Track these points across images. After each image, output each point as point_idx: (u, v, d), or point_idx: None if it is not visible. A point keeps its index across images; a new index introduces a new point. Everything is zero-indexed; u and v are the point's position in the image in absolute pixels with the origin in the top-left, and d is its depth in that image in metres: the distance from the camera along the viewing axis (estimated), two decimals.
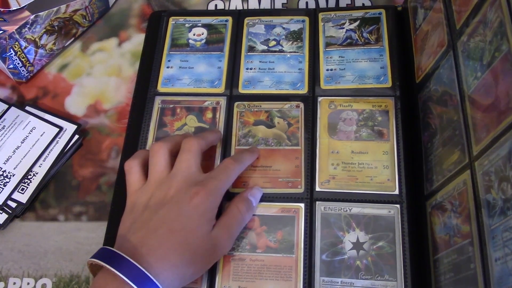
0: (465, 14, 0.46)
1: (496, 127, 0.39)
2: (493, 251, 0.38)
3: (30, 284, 0.56)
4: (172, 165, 0.51)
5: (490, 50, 0.41)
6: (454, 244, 0.45)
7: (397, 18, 0.64)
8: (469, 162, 0.44)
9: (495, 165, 0.39)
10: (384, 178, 0.55)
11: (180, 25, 0.67)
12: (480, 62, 0.43)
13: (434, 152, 0.52)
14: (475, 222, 0.42)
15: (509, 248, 0.36)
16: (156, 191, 0.49)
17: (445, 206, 0.48)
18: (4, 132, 0.62)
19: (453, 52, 0.49)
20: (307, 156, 0.57)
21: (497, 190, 0.38)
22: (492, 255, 0.38)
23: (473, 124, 0.44)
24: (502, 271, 0.37)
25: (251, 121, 0.59)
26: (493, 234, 0.39)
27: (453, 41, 0.49)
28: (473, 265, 0.41)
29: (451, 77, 0.48)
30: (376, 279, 0.50)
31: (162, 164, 0.51)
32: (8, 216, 0.58)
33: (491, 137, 0.40)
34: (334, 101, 0.59)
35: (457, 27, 0.48)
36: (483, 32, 0.43)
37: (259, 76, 0.62)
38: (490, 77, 0.41)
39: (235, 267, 0.52)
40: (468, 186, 0.43)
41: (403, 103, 0.58)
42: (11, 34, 0.61)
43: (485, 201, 0.40)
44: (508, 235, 0.36)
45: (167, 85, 0.63)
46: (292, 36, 0.64)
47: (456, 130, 0.46)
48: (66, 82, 0.68)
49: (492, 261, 0.38)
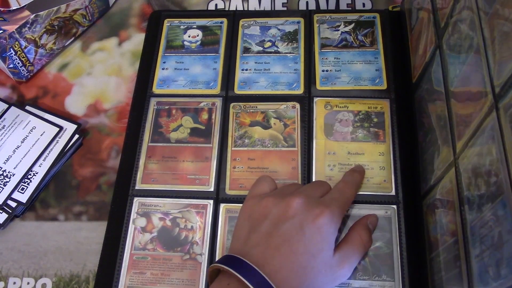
0: (446, 12, 0.43)
1: (471, 123, 0.36)
2: (473, 248, 0.35)
3: (30, 284, 0.51)
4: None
5: (465, 46, 0.38)
6: (444, 242, 0.41)
7: (394, 20, 0.59)
8: (453, 160, 0.40)
9: (472, 161, 0.36)
10: (381, 179, 0.50)
11: (175, 27, 0.62)
12: (459, 59, 0.39)
13: (427, 151, 0.47)
14: (459, 219, 0.38)
15: (485, 245, 0.33)
16: (278, 203, 0.43)
17: (437, 204, 0.44)
18: (4, 131, 0.56)
19: (439, 50, 0.45)
20: (304, 157, 0.51)
21: (474, 187, 0.35)
22: (472, 252, 0.35)
23: (456, 121, 0.40)
24: (480, 268, 0.34)
25: (247, 122, 0.54)
26: (473, 231, 0.35)
27: (438, 39, 0.45)
28: (459, 262, 0.38)
29: (439, 75, 0.44)
30: (374, 279, 0.46)
31: (294, 183, 0.47)
32: (8, 216, 0.53)
33: (468, 134, 0.36)
34: (330, 102, 0.54)
35: (441, 25, 0.44)
36: (460, 29, 0.39)
37: (255, 77, 0.57)
38: (466, 73, 0.37)
39: None
40: (453, 184, 0.40)
41: (399, 105, 0.53)
42: (11, 34, 0.57)
43: (466, 198, 0.37)
44: (483, 232, 0.33)
45: (163, 86, 0.57)
46: (288, 37, 0.59)
47: (444, 128, 0.42)
48: (66, 81, 0.62)
49: (473, 257, 0.35)
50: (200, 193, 0.51)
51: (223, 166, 0.52)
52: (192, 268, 0.48)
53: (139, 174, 0.52)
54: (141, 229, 0.50)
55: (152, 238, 0.49)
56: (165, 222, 0.50)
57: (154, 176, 0.52)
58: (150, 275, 0.48)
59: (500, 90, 0.31)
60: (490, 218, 0.32)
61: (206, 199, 0.51)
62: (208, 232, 0.49)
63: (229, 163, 0.52)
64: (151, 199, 0.51)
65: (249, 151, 0.53)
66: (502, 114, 0.31)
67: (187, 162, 0.52)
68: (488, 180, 0.33)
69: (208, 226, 0.49)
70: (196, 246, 0.49)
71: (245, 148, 0.53)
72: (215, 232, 0.49)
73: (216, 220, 0.50)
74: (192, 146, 0.53)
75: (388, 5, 0.63)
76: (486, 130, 0.33)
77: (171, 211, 0.50)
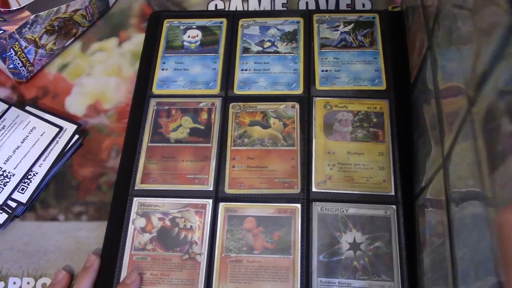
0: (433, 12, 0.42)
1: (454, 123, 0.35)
2: (458, 249, 0.34)
3: (30, 284, 0.50)
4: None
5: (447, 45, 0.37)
6: (432, 243, 0.40)
7: (393, 21, 0.58)
8: (442, 161, 0.39)
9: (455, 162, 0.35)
10: (380, 179, 0.49)
11: (174, 28, 0.60)
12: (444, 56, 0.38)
13: (421, 152, 0.46)
14: (446, 221, 0.37)
15: (466, 246, 0.32)
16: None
17: (427, 205, 0.43)
18: (4, 132, 0.55)
19: (430, 51, 0.44)
20: (303, 156, 0.50)
21: (457, 188, 0.35)
22: (457, 253, 0.34)
23: (446, 122, 0.38)
24: (463, 269, 0.33)
25: (247, 121, 0.53)
26: (457, 232, 0.34)
27: (429, 39, 0.44)
28: (445, 263, 0.37)
29: (430, 75, 0.43)
30: (373, 279, 0.45)
31: None
32: (8, 216, 0.51)
33: (453, 134, 0.35)
34: (329, 102, 0.53)
35: (430, 25, 0.43)
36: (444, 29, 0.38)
37: (254, 77, 0.56)
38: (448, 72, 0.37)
39: (232, 269, 0.46)
40: (442, 184, 0.38)
41: (398, 106, 0.52)
42: (11, 34, 0.55)
43: (452, 200, 0.36)
44: (465, 233, 0.32)
45: (162, 87, 0.56)
46: (287, 37, 0.58)
47: (436, 128, 0.41)
48: (66, 82, 0.61)
49: (458, 259, 0.34)
50: (199, 192, 0.50)
51: (222, 165, 0.51)
52: (191, 268, 0.47)
53: (139, 174, 0.51)
54: (140, 230, 0.49)
55: (151, 238, 0.48)
56: (164, 222, 0.49)
57: (154, 176, 0.51)
58: (149, 275, 0.47)
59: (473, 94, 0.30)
60: (470, 220, 0.31)
61: (205, 199, 0.49)
62: (207, 231, 0.48)
63: (228, 162, 0.51)
64: (150, 199, 0.50)
65: (249, 151, 0.51)
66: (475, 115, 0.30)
67: (187, 162, 0.51)
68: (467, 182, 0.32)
69: (207, 225, 0.48)
70: (195, 246, 0.47)
71: (244, 148, 0.52)
72: (214, 232, 0.48)
73: (215, 219, 0.48)
74: (192, 146, 0.52)
75: (387, 6, 0.62)
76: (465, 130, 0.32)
77: (170, 211, 0.49)
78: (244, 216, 0.48)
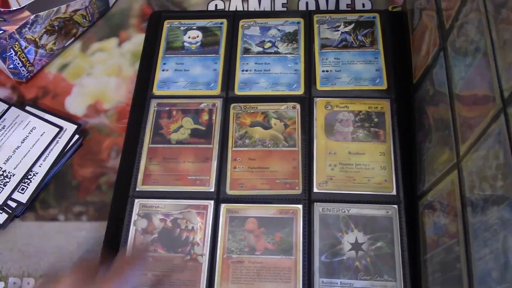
0: (452, 14, 0.41)
1: (477, 126, 0.34)
2: (476, 250, 0.34)
3: (30, 284, 0.49)
4: None
5: (472, 49, 0.36)
6: (443, 244, 0.40)
7: (394, 21, 0.57)
8: (456, 162, 0.38)
9: (477, 164, 0.35)
10: (382, 179, 0.48)
11: (175, 28, 0.60)
12: (465, 61, 0.38)
13: (426, 152, 0.46)
14: (461, 222, 0.36)
15: (488, 248, 0.32)
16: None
17: (435, 206, 0.42)
18: (4, 132, 0.54)
19: (443, 52, 0.43)
20: (304, 157, 0.50)
21: (478, 190, 0.34)
22: (475, 255, 0.34)
23: (460, 124, 0.38)
24: (482, 270, 0.32)
25: (248, 122, 0.52)
26: (476, 234, 0.34)
27: (443, 41, 0.43)
28: (459, 264, 0.36)
29: (442, 77, 0.43)
30: (375, 279, 0.45)
31: None
32: (8, 216, 0.51)
33: (474, 137, 0.35)
34: (330, 102, 0.52)
35: (446, 27, 0.42)
36: (466, 32, 0.38)
37: (255, 77, 0.55)
38: (472, 76, 0.36)
39: (234, 270, 0.46)
40: (456, 186, 0.38)
41: (399, 105, 0.52)
42: (11, 34, 0.55)
43: (469, 201, 0.35)
44: (488, 235, 0.32)
45: (163, 88, 0.56)
46: (287, 37, 0.57)
47: (446, 130, 0.41)
48: (66, 82, 0.60)
49: (475, 260, 0.34)
50: (200, 193, 0.49)
51: (224, 166, 0.50)
52: (193, 269, 0.46)
53: (140, 176, 0.50)
54: (142, 231, 0.48)
55: (153, 239, 0.48)
56: (166, 223, 0.48)
57: (155, 177, 0.50)
58: (151, 276, 0.46)
59: (509, 95, 0.30)
60: (495, 222, 0.31)
61: (207, 200, 0.49)
62: (209, 232, 0.48)
63: (230, 163, 0.50)
64: (151, 201, 0.49)
65: (250, 151, 0.51)
66: (511, 119, 0.30)
67: (188, 163, 0.51)
68: (493, 184, 0.32)
69: (209, 226, 0.48)
70: (197, 247, 0.47)
71: (245, 148, 0.51)
72: (216, 233, 0.48)
73: (217, 220, 0.48)
74: (193, 147, 0.52)
75: (388, 5, 0.61)
76: (493, 135, 0.32)
77: (172, 212, 0.49)
78: (245, 217, 0.48)
